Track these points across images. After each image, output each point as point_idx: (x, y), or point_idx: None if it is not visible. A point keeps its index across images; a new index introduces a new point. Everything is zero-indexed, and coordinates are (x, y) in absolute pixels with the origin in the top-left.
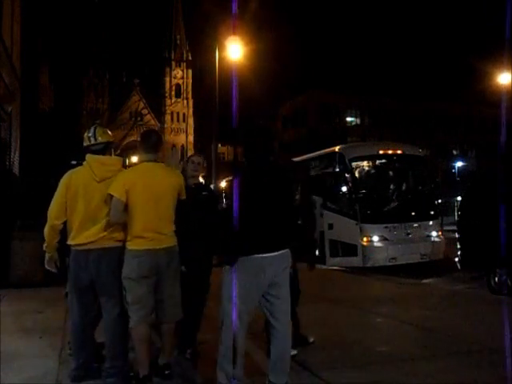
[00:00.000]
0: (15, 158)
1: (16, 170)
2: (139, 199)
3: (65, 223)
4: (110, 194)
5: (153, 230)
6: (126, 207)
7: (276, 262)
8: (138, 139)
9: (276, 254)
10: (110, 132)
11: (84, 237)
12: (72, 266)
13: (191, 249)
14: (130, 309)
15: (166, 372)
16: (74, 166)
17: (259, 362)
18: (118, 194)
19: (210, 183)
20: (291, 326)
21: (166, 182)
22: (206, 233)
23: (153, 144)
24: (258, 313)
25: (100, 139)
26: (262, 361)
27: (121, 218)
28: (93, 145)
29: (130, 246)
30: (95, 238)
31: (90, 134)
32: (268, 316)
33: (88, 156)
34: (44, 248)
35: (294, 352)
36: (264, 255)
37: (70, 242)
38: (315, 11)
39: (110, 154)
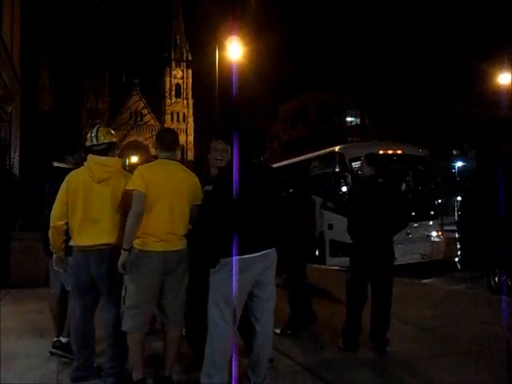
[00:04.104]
0: (15, 158)
1: (16, 170)
2: (156, 195)
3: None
4: (130, 190)
5: (166, 229)
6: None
7: (260, 261)
8: (155, 138)
9: (259, 254)
10: (113, 132)
11: (83, 238)
12: (73, 267)
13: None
14: (126, 312)
15: None
16: (60, 169)
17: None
18: (140, 187)
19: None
20: (272, 327)
21: (184, 182)
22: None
23: (170, 142)
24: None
25: (102, 140)
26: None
27: (143, 212)
28: (94, 145)
29: (139, 245)
30: (96, 241)
31: (92, 134)
32: (249, 315)
33: (89, 156)
34: (51, 249)
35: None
36: (247, 256)
37: (71, 243)
38: (315, 11)
39: (114, 155)
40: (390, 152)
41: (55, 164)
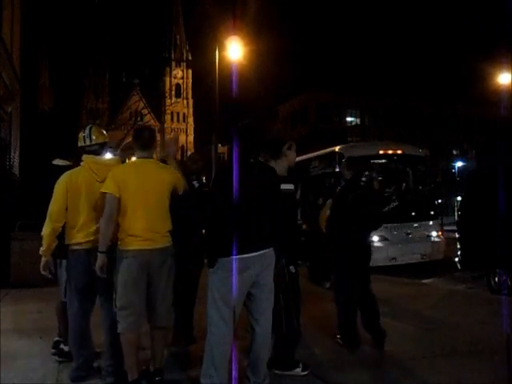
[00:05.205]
0: (15, 157)
1: (16, 170)
2: (131, 196)
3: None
4: (103, 193)
5: (146, 228)
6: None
7: (258, 261)
8: (132, 137)
9: (258, 253)
10: (105, 132)
11: (86, 234)
12: (73, 267)
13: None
14: (118, 313)
15: (157, 378)
16: (59, 167)
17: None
18: (111, 190)
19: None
20: (271, 327)
21: (159, 179)
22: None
23: (146, 141)
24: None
25: (95, 140)
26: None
27: (116, 216)
28: (88, 145)
29: (121, 245)
30: (96, 236)
31: (85, 134)
32: (249, 315)
33: (86, 157)
34: (41, 252)
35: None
36: (246, 256)
37: (70, 241)
38: (315, 11)
39: (105, 155)
40: (390, 152)
41: (54, 162)
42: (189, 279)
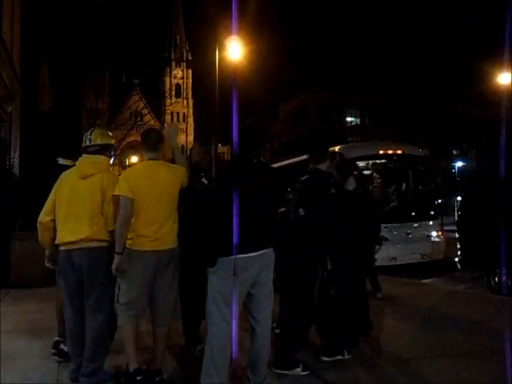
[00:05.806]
0: (15, 157)
1: (16, 170)
2: (143, 198)
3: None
4: (117, 195)
5: (157, 230)
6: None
7: (258, 261)
8: (140, 138)
9: (257, 253)
10: (110, 134)
11: (65, 235)
12: (60, 268)
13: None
14: (119, 308)
15: (157, 378)
16: (61, 165)
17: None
18: (126, 192)
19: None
20: (270, 327)
21: (169, 181)
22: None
23: (153, 142)
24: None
25: (98, 141)
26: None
27: (131, 217)
28: (88, 146)
29: (132, 245)
30: (77, 237)
31: (87, 136)
32: (248, 315)
33: (82, 156)
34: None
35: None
36: (245, 255)
37: (56, 241)
38: (315, 11)
39: (109, 157)
40: (390, 152)
41: (60, 161)
42: (195, 279)
